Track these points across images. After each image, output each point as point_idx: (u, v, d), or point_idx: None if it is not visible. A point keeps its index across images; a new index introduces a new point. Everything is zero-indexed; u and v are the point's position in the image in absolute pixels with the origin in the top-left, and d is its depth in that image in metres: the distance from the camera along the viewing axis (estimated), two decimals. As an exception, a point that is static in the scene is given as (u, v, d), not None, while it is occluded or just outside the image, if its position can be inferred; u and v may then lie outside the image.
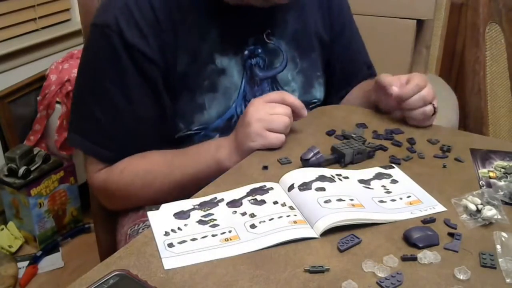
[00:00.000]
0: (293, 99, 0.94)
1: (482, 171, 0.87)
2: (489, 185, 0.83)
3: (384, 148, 0.94)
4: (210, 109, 1.01)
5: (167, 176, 0.97)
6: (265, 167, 0.88)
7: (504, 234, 0.71)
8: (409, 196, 0.81)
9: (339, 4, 1.15)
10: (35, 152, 2.04)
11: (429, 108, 0.99)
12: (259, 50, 1.04)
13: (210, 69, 1.00)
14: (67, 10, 2.26)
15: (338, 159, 0.89)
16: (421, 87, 0.98)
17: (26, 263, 1.96)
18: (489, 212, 0.74)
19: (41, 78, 2.14)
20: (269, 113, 0.91)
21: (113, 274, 0.62)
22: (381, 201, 0.79)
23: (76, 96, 1.03)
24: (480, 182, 0.84)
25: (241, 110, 1.03)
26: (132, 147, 1.00)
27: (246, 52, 1.02)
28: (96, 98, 0.98)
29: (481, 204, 0.76)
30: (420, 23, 1.93)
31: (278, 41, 1.05)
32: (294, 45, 1.07)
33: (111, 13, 0.93)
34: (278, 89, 1.07)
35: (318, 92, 1.13)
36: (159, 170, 0.97)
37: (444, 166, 0.88)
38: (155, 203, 0.94)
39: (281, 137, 0.92)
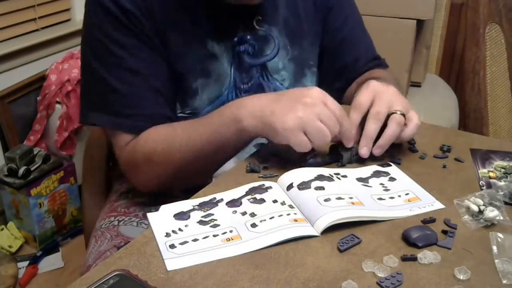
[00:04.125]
0: (348, 125, 0.86)
1: (482, 171, 0.87)
2: (489, 185, 0.83)
3: (384, 148, 0.94)
4: (202, 94, 1.00)
5: (187, 142, 0.92)
6: (265, 167, 0.88)
7: (500, 234, 0.71)
8: (407, 194, 0.81)
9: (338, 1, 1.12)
10: (35, 152, 2.04)
11: (398, 118, 0.86)
12: (248, 37, 1.01)
13: (202, 54, 0.99)
14: (67, 10, 2.26)
15: (336, 160, 0.89)
16: (376, 115, 0.86)
17: (26, 263, 1.97)
18: (491, 213, 0.74)
19: (41, 78, 2.14)
20: (319, 118, 0.82)
21: (113, 274, 0.62)
22: (380, 199, 0.79)
23: (86, 73, 1.00)
24: (480, 182, 0.84)
25: (232, 97, 1.02)
26: (154, 111, 0.96)
27: (235, 39, 1.01)
28: (106, 67, 0.95)
29: (483, 205, 0.76)
30: (420, 23, 1.93)
31: (270, 28, 1.03)
32: (286, 32, 1.05)
33: None
34: (267, 77, 1.05)
35: (309, 83, 1.10)
36: (178, 136, 0.93)
37: (444, 166, 0.88)
38: (175, 178, 0.93)
39: (309, 145, 0.84)
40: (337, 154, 0.89)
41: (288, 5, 1.06)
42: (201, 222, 0.75)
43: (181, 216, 0.76)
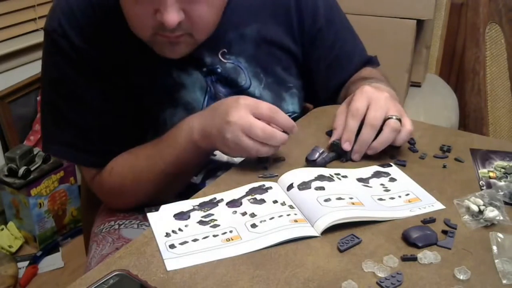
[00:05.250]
0: (283, 119, 0.85)
1: (482, 171, 0.87)
2: (489, 185, 0.83)
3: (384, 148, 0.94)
4: (172, 124, 0.97)
5: (151, 168, 0.95)
6: (265, 167, 0.88)
7: (500, 234, 0.71)
8: (407, 194, 0.81)
9: (313, 10, 1.06)
10: (35, 152, 2.04)
11: (393, 123, 0.86)
12: (218, 70, 0.99)
13: (167, 83, 0.97)
14: (67, 10, 2.26)
15: (340, 156, 0.90)
16: (369, 119, 0.87)
17: (26, 263, 1.97)
18: (491, 213, 0.74)
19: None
20: (246, 133, 0.82)
21: (113, 274, 0.62)
22: (380, 199, 0.79)
23: (44, 105, 1.01)
24: (480, 182, 0.84)
25: None
26: (112, 145, 0.98)
27: (204, 69, 0.99)
28: (62, 103, 0.97)
29: (483, 205, 0.76)
30: (420, 23, 1.93)
31: (237, 59, 1.00)
32: (256, 61, 1.02)
33: (56, 17, 0.93)
34: None
35: (291, 105, 1.07)
36: (142, 164, 0.96)
37: (444, 166, 0.88)
38: (148, 199, 0.95)
39: (255, 152, 0.85)
40: (341, 150, 0.89)
41: (259, 32, 1.02)
42: (201, 222, 0.75)
43: (181, 216, 0.76)
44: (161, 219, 0.76)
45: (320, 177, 0.82)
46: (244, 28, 1.01)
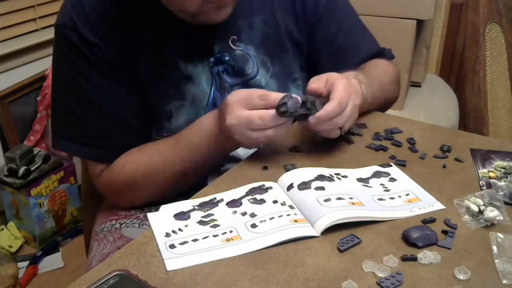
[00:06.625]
0: (275, 99, 0.86)
1: (482, 171, 0.87)
2: (489, 185, 0.83)
3: (384, 149, 0.94)
4: (178, 116, 0.99)
5: (169, 167, 0.95)
6: (265, 167, 0.88)
7: (500, 235, 0.71)
8: (407, 194, 0.81)
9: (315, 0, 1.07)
10: (35, 152, 2.04)
11: (334, 133, 0.89)
12: (226, 58, 1.01)
13: (175, 76, 0.98)
14: (67, 10, 2.26)
15: (309, 110, 0.87)
16: (339, 110, 0.86)
17: (26, 263, 1.97)
18: (491, 213, 0.74)
19: (41, 78, 2.14)
20: (248, 127, 0.85)
21: (113, 274, 0.62)
22: (380, 199, 0.79)
23: (54, 101, 1.02)
24: (480, 182, 0.84)
25: None
26: (121, 140, 0.99)
27: (212, 59, 1.00)
28: (72, 98, 0.98)
29: (483, 205, 0.76)
30: (420, 23, 1.93)
31: (246, 47, 1.02)
32: (264, 50, 1.03)
33: (66, 12, 0.95)
34: None
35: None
36: (159, 163, 0.96)
37: (444, 166, 0.88)
38: (161, 196, 0.96)
39: (264, 138, 0.87)
40: (310, 106, 0.87)
41: (267, 21, 1.04)
42: (201, 222, 0.75)
43: (181, 216, 0.76)
44: (161, 219, 0.76)
45: (320, 177, 0.82)
46: (253, 16, 1.02)
